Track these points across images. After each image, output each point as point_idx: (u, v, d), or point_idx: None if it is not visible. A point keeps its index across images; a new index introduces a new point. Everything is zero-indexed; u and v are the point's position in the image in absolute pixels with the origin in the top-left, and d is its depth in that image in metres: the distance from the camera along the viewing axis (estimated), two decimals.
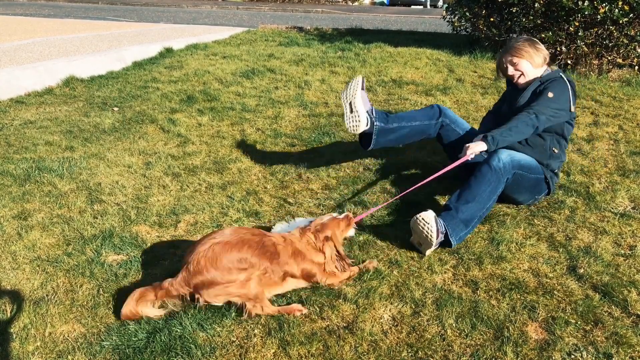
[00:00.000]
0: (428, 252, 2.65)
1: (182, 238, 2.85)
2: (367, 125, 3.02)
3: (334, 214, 2.60)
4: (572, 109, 3.02)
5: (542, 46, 3.08)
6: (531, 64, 3.04)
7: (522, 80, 3.10)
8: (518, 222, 2.96)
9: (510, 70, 3.10)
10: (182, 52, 8.22)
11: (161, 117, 4.89)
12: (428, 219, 2.57)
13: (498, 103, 3.46)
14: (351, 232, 2.61)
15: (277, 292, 2.32)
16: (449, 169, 2.91)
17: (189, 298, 2.17)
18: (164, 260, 2.64)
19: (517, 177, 2.88)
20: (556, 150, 3.07)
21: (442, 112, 3.30)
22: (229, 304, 2.20)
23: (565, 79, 3.02)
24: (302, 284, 2.36)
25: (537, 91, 3.02)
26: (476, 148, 2.80)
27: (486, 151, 2.83)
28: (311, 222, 2.52)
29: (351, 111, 2.96)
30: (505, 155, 2.81)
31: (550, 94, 2.92)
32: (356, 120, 2.95)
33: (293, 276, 2.32)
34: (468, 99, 5.35)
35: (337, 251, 2.44)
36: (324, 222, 2.46)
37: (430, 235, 2.56)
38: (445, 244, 2.67)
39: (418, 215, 2.60)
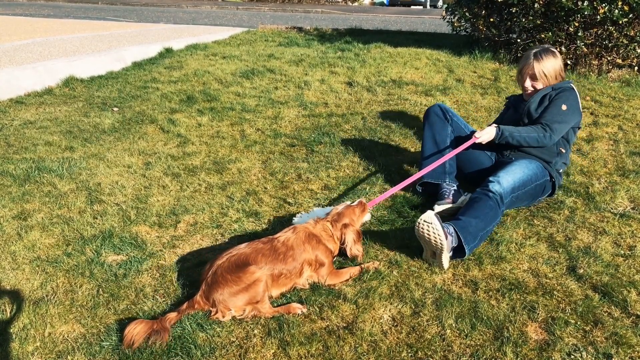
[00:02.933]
0: (445, 261, 2.50)
1: (181, 238, 2.85)
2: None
3: (348, 202, 2.65)
4: (581, 116, 3.19)
5: (561, 62, 3.22)
6: (547, 84, 3.19)
7: (531, 93, 3.24)
8: (518, 223, 2.96)
9: (527, 83, 3.22)
10: (182, 52, 8.22)
11: (161, 117, 4.89)
12: (429, 219, 2.48)
13: (502, 112, 3.60)
14: (367, 217, 2.69)
15: (290, 287, 2.36)
16: (457, 152, 3.09)
17: (210, 310, 2.18)
18: (164, 260, 2.64)
19: (515, 198, 2.96)
20: (563, 150, 3.19)
21: (443, 110, 3.38)
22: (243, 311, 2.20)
23: (574, 89, 3.17)
24: (315, 276, 2.40)
25: (548, 97, 3.14)
26: (485, 136, 2.98)
27: (493, 140, 3.01)
28: (329, 212, 2.61)
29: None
30: (504, 181, 2.86)
31: (564, 107, 3.05)
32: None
33: (309, 264, 2.37)
34: (468, 99, 5.35)
35: (357, 235, 2.52)
36: (339, 212, 2.55)
37: (438, 236, 2.44)
38: (457, 253, 2.59)
39: (419, 220, 2.51)
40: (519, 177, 2.93)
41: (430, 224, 2.47)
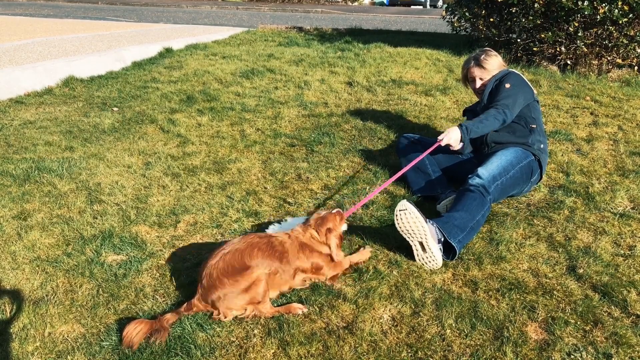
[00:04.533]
0: (436, 252, 2.50)
1: (181, 238, 2.85)
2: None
3: (325, 211, 2.63)
4: (532, 90, 3.31)
5: (499, 59, 3.46)
6: (492, 76, 3.39)
7: (482, 87, 3.44)
8: (517, 222, 2.96)
9: (478, 83, 3.45)
10: (182, 52, 8.23)
11: (161, 117, 4.89)
12: (403, 206, 2.53)
13: (475, 105, 3.67)
14: (344, 226, 2.64)
15: (286, 289, 2.35)
16: (426, 154, 3.20)
17: (210, 312, 2.19)
18: (164, 260, 2.64)
19: (502, 185, 2.98)
20: (534, 126, 3.26)
21: (409, 139, 3.57)
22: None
23: (514, 71, 3.36)
24: (308, 279, 2.40)
25: (493, 88, 3.32)
26: (451, 139, 3.00)
27: (463, 141, 3.04)
28: (306, 219, 2.57)
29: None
30: (482, 172, 2.93)
31: (507, 85, 3.23)
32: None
33: (303, 271, 2.36)
34: (467, 99, 5.35)
35: (339, 240, 2.51)
36: (322, 216, 2.51)
37: (418, 221, 2.48)
38: (448, 250, 2.59)
39: (395, 213, 2.55)
40: (497, 165, 3.01)
41: (405, 210, 2.52)
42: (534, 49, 6.33)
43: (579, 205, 3.17)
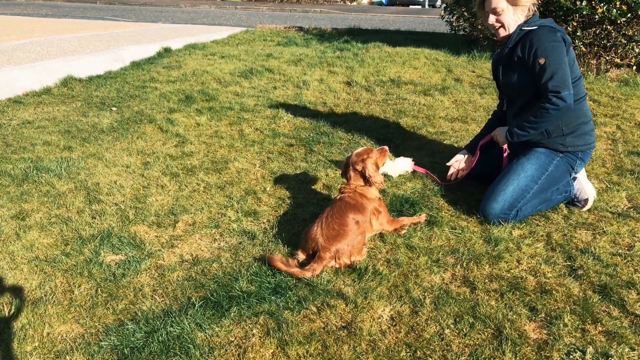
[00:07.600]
0: None
1: (180, 238, 2.85)
2: None
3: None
4: (572, 59, 2.74)
5: None
6: (514, 15, 2.81)
7: (502, 33, 2.89)
8: (516, 222, 2.96)
9: (491, 19, 2.85)
10: (181, 52, 8.22)
11: (159, 117, 4.88)
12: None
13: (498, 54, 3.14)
14: (388, 162, 2.99)
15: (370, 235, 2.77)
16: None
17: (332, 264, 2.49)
18: (163, 260, 2.64)
19: (527, 202, 2.92)
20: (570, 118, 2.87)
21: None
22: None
23: (546, 28, 2.69)
24: (377, 225, 2.75)
25: (515, 56, 2.80)
26: (499, 138, 3.07)
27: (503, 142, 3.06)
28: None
29: None
30: (492, 207, 2.90)
31: (541, 61, 2.64)
32: None
33: (372, 213, 2.71)
34: (466, 98, 5.36)
35: (375, 165, 2.79)
36: (357, 152, 2.81)
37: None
38: None
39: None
40: (511, 190, 2.89)
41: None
42: None
43: None
